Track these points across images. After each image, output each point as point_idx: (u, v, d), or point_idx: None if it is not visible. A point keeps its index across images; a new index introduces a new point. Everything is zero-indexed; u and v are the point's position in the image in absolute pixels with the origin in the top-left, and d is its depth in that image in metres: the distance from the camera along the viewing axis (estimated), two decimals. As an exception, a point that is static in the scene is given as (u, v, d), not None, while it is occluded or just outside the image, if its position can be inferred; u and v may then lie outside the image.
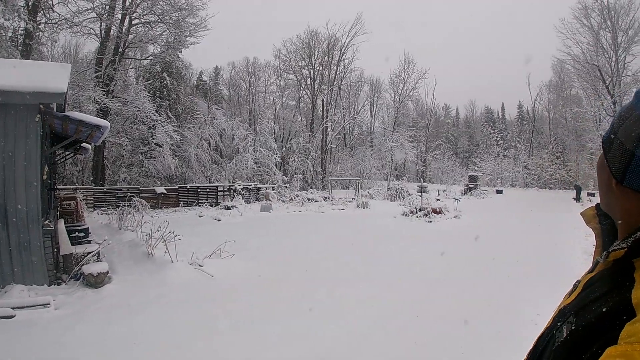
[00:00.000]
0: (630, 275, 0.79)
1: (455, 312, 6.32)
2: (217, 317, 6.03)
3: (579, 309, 0.86)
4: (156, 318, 5.93)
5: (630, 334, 0.67)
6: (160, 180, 28.31)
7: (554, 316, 0.99)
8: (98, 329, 5.46)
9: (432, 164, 66.44)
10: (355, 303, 6.80)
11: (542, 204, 31.68)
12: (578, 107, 48.84)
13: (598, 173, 0.98)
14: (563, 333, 0.85)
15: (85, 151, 14.65)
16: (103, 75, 24.98)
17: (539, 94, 66.73)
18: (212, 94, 43.40)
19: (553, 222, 19.36)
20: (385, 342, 5.29)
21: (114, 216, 14.69)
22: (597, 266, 0.96)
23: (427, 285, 8.07)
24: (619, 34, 40.25)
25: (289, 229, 15.94)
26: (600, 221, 1.05)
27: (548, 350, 0.89)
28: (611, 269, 0.88)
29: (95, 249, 8.33)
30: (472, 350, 5.06)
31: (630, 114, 0.86)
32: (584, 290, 0.93)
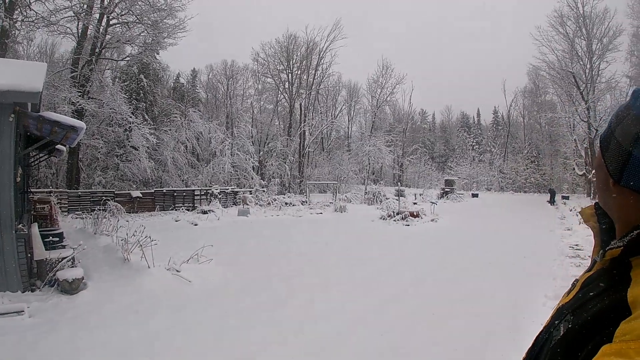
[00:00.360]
0: (626, 273, 0.80)
1: (433, 311, 6.39)
2: (194, 324, 5.96)
3: (576, 307, 0.88)
4: (132, 326, 5.83)
5: (625, 332, 0.68)
6: (136, 184, 27.90)
7: (552, 315, 1.01)
8: (72, 338, 5.34)
9: (408, 168, 67.07)
10: (334, 307, 6.81)
11: (517, 207, 32.30)
12: (552, 112, 49.85)
13: (595, 172, 0.99)
14: (560, 331, 0.86)
15: (60, 153, 14.39)
16: (79, 76, 24.56)
17: (514, 100, 68.34)
18: (189, 97, 43.05)
19: (529, 224, 19.74)
20: (364, 345, 5.31)
21: (89, 220, 14.44)
22: (595, 265, 0.98)
23: (406, 287, 8.14)
24: (594, 41, 41.23)
25: (267, 234, 15.87)
26: (599, 220, 1.05)
27: (545, 348, 0.91)
28: (608, 267, 0.89)
29: (70, 254, 8.16)
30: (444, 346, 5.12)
31: (627, 113, 0.87)
32: (582, 289, 0.95)
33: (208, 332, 5.67)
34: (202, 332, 5.69)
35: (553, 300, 7.02)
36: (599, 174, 0.95)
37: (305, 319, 6.25)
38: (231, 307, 6.80)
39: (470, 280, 8.68)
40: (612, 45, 40.70)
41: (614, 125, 0.90)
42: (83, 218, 15.34)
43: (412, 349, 5.22)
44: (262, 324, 6.02)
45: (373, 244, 13.53)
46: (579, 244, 13.45)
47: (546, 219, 22.57)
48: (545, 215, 25.10)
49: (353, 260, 10.77)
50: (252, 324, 6.00)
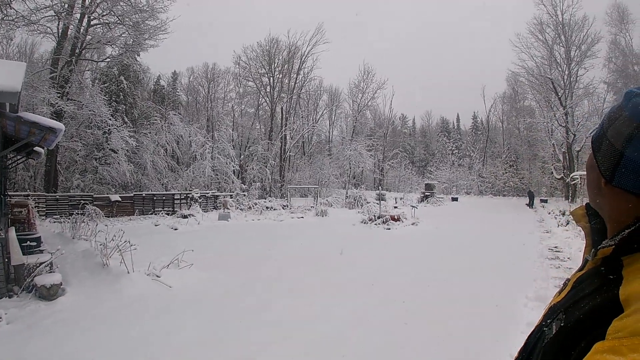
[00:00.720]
0: (618, 272, 0.82)
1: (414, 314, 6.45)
2: (175, 330, 5.90)
3: (568, 306, 0.89)
4: (111, 333, 5.76)
5: (617, 329, 0.69)
6: (115, 188, 27.59)
7: (545, 314, 1.01)
8: (50, 346, 5.26)
9: (389, 173, 67.49)
10: (317, 312, 6.80)
11: (496, 210, 32.71)
12: (531, 118, 50.68)
13: (587, 173, 0.99)
14: (552, 330, 0.87)
15: (38, 155, 14.17)
16: (58, 77, 24.21)
17: (493, 105, 69.43)
18: (170, 99, 42.71)
19: (508, 227, 19.99)
20: (356, 346, 5.35)
21: (67, 225, 14.25)
22: (586, 264, 0.99)
23: (388, 290, 8.18)
24: (573, 48, 42.19)
25: (247, 238, 15.82)
26: (590, 220, 1.06)
27: (538, 347, 0.92)
28: (599, 266, 0.90)
29: (48, 259, 8.04)
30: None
31: (619, 114, 0.88)
32: (574, 288, 0.96)
33: (189, 338, 5.63)
34: (182, 338, 5.64)
35: (534, 301, 7.15)
36: (591, 174, 0.96)
37: (286, 324, 6.23)
38: (212, 312, 6.75)
39: (452, 283, 8.76)
40: (590, 52, 41.77)
41: (606, 126, 0.91)
42: (61, 222, 15.17)
43: (391, 352, 5.26)
44: (244, 329, 5.99)
45: (354, 248, 13.54)
46: (557, 246, 13.67)
47: (525, 222, 22.88)
48: (524, 218, 25.46)
49: (334, 265, 10.76)
50: (233, 330, 5.97)
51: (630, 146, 0.82)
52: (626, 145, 0.83)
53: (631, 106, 0.86)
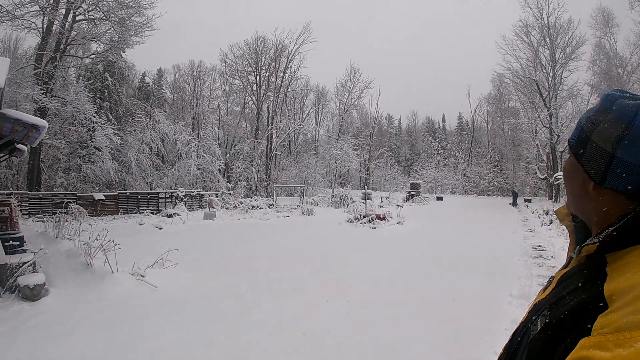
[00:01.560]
0: (602, 269, 0.83)
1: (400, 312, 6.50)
2: (159, 331, 5.88)
3: (553, 303, 0.90)
4: (96, 334, 5.71)
5: (603, 325, 0.70)
6: (98, 186, 27.36)
7: (529, 311, 1.02)
8: (35, 348, 5.21)
9: (375, 172, 67.72)
10: (302, 312, 6.82)
11: (481, 209, 33.01)
12: (515, 118, 51.21)
13: (569, 179, 1.00)
14: (538, 326, 0.88)
15: (21, 153, 13.95)
16: (42, 73, 23.98)
17: (479, 106, 70.31)
18: (155, 97, 42.45)
19: (492, 226, 20.20)
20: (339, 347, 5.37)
21: (50, 224, 14.04)
22: (570, 262, 1.00)
23: (374, 288, 8.24)
24: (557, 50, 42.79)
25: (233, 237, 15.79)
26: (574, 219, 1.08)
27: (523, 343, 0.93)
28: (584, 263, 0.92)
29: (31, 259, 7.96)
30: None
31: (603, 117, 0.89)
32: (558, 285, 0.97)
33: (174, 338, 5.61)
34: (167, 338, 5.62)
35: (518, 299, 7.25)
36: (574, 180, 0.97)
37: (271, 323, 6.24)
38: (197, 312, 6.73)
39: (437, 281, 8.84)
40: (574, 55, 42.38)
41: (588, 130, 0.92)
42: (44, 221, 14.92)
43: (378, 351, 5.29)
44: (229, 329, 5.98)
45: (340, 247, 13.59)
46: (541, 245, 13.82)
47: (509, 221, 23.13)
48: (508, 217, 25.73)
49: (319, 264, 10.77)
50: (219, 330, 5.96)
51: (620, 147, 0.84)
52: (616, 147, 0.84)
53: (617, 108, 0.87)
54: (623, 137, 0.84)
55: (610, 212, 0.88)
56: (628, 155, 0.83)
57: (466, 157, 66.31)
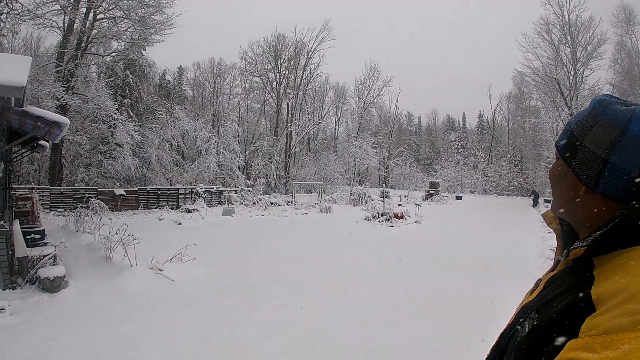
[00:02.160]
0: (590, 272, 0.83)
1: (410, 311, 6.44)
2: (176, 324, 5.92)
3: (540, 305, 0.89)
4: (112, 326, 5.77)
5: (591, 327, 0.70)
6: (119, 182, 27.69)
7: (516, 313, 1.04)
8: (50, 338, 5.28)
9: (394, 170, 67.34)
10: (314, 307, 6.83)
11: (500, 209, 32.59)
12: (536, 118, 50.41)
13: (557, 183, 1.00)
14: (525, 328, 0.88)
15: (43, 149, 14.23)
16: (64, 71, 24.29)
17: (499, 105, 68.95)
18: (176, 94, 42.76)
19: (511, 226, 19.94)
20: (346, 342, 5.36)
21: (71, 218, 14.31)
22: (558, 265, 1.00)
23: (386, 287, 8.21)
24: (579, 49, 41.83)
25: (251, 234, 15.85)
26: (561, 222, 1.09)
27: (510, 345, 0.93)
28: (571, 267, 0.92)
29: (52, 251, 8.09)
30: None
31: (595, 121, 0.90)
32: (546, 288, 0.97)
33: (190, 332, 5.65)
34: (183, 332, 5.65)
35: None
36: (563, 183, 0.97)
37: (284, 318, 6.25)
38: (213, 306, 6.77)
39: (450, 281, 8.76)
40: (596, 53, 41.36)
41: (579, 134, 0.92)
42: (65, 215, 15.22)
43: (388, 348, 5.27)
44: (244, 324, 6.01)
45: (356, 245, 13.57)
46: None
47: (528, 221, 22.82)
48: (528, 218, 25.39)
49: (336, 261, 10.79)
50: (233, 324, 5.99)
51: (614, 152, 0.84)
52: (610, 152, 0.85)
53: (610, 113, 0.87)
54: (617, 142, 0.84)
55: (600, 216, 0.88)
56: (621, 161, 0.83)
57: (486, 156, 65.56)
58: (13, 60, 9.41)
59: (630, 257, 0.79)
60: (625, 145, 0.83)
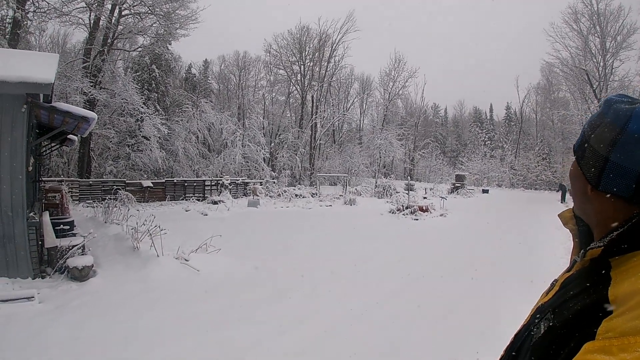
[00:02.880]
0: (606, 273, 0.82)
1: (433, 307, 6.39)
2: (200, 314, 6.00)
3: (556, 306, 0.89)
4: (138, 314, 5.89)
5: (608, 329, 0.70)
6: (147, 174, 28.07)
7: (532, 314, 1.02)
8: (78, 325, 5.41)
9: (419, 163, 66.75)
10: (338, 300, 6.84)
11: (527, 204, 31.93)
12: (565, 110, 49.32)
13: (572, 182, 1.01)
14: (541, 329, 0.88)
15: (72, 143, 14.50)
16: (91, 66, 24.72)
17: (527, 96, 67.58)
18: (201, 88, 43.12)
19: (537, 221, 19.54)
20: (367, 338, 5.35)
21: (99, 209, 14.57)
22: (574, 265, 1.00)
23: (409, 282, 8.15)
24: (608, 39, 40.62)
25: (275, 225, 15.94)
26: (577, 223, 1.08)
27: (525, 346, 0.92)
28: (588, 267, 0.91)
29: (80, 242, 8.25)
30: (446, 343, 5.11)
31: (601, 121, 0.90)
32: (562, 288, 0.96)
33: (211, 321, 5.73)
34: (205, 321, 5.74)
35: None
36: (576, 183, 0.98)
37: (307, 311, 6.29)
38: (237, 297, 6.85)
39: (473, 277, 8.63)
40: (626, 44, 40.11)
41: (587, 134, 0.93)
42: (94, 207, 15.48)
43: (411, 344, 5.25)
44: (266, 315, 6.07)
45: (380, 238, 13.51)
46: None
47: (555, 217, 22.35)
48: (555, 213, 24.84)
49: (359, 254, 10.77)
50: (256, 315, 6.06)
51: (614, 151, 0.85)
52: (610, 150, 0.86)
53: (612, 112, 0.88)
54: (617, 140, 0.85)
55: (608, 215, 0.89)
56: (621, 159, 0.84)
57: (514, 149, 64.42)
58: (41, 58, 9.62)
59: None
60: (625, 143, 0.83)
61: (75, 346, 4.83)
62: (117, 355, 4.70)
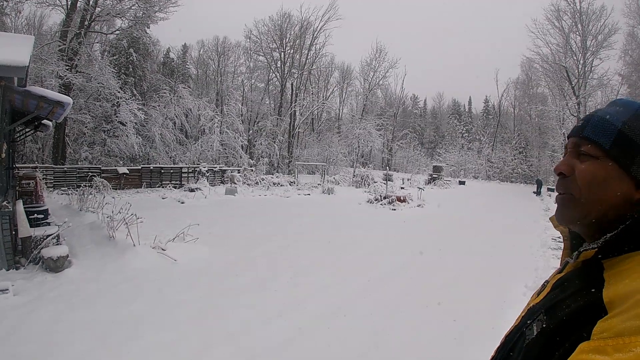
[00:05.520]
0: (599, 275, 0.83)
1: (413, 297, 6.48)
2: (178, 303, 6.00)
3: (549, 307, 0.89)
4: (116, 305, 5.85)
5: (603, 329, 0.71)
6: (122, 160, 27.67)
7: (523, 315, 1.03)
8: (55, 318, 5.34)
9: (397, 153, 67.16)
10: (317, 289, 6.91)
11: (503, 196, 32.56)
12: (543, 105, 50.10)
13: (602, 186, 0.89)
14: (534, 331, 0.87)
15: (46, 128, 14.19)
16: (67, 49, 24.13)
17: (506, 90, 68.32)
18: (179, 72, 42.51)
19: (513, 214, 19.93)
20: (346, 328, 5.41)
21: (74, 197, 14.34)
22: (566, 267, 1.01)
23: (387, 272, 8.27)
24: (589, 37, 41.19)
25: (253, 213, 15.92)
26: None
27: (517, 347, 0.92)
28: (581, 269, 0.92)
29: (55, 231, 8.12)
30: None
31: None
32: (554, 289, 0.97)
33: (191, 312, 5.73)
34: (185, 311, 5.74)
35: (533, 290, 7.13)
36: (609, 187, 0.88)
37: (286, 300, 6.33)
38: (215, 286, 6.85)
39: (452, 267, 8.79)
40: (606, 43, 40.81)
41: (636, 136, 0.87)
42: (69, 194, 15.22)
43: (391, 334, 5.31)
44: (245, 305, 6.08)
45: (358, 227, 13.64)
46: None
47: (531, 209, 22.81)
48: (530, 206, 25.36)
49: (337, 243, 10.86)
50: (235, 304, 6.07)
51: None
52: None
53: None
54: None
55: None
56: None
57: (491, 141, 65.17)
58: (15, 39, 9.38)
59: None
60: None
61: (53, 339, 4.77)
62: (97, 346, 4.67)
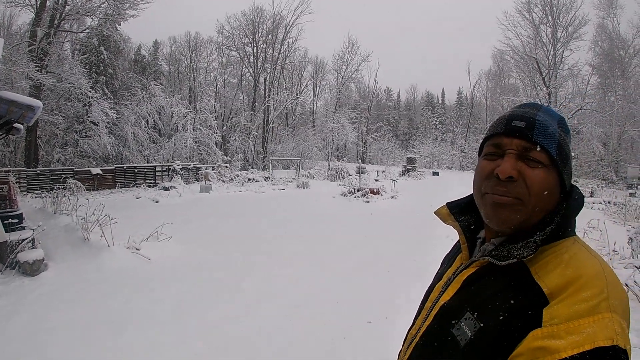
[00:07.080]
0: (525, 269, 0.87)
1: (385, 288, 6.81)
2: (154, 302, 6.20)
3: (475, 305, 0.89)
4: (93, 306, 6.04)
5: (552, 316, 0.76)
6: (96, 161, 27.42)
7: (434, 314, 1.01)
8: (36, 320, 5.53)
9: (372, 146, 67.64)
10: (290, 283, 7.16)
11: (473, 186, 33.00)
12: (515, 96, 50.75)
13: (551, 190, 0.93)
14: (466, 331, 0.87)
15: (18, 131, 14.05)
16: (37, 49, 23.83)
17: (478, 82, 69.54)
18: (151, 70, 42.11)
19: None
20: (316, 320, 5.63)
21: (48, 200, 14.33)
22: (472, 263, 1.00)
23: (360, 263, 8.54)
24: (559, 29, 41.99)
25: (228, 210, 16.11)
26: (457, 218, 1.11)
27: (447, 351, 0.92)
28: (502, 266, 0.89)
29: (30, 235, 8.26)
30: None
31: (565, 131, 0.99)
32: (467, 286, 0.96)
33: (167, 309, 5.93)
34: (161, 309, 5.94)
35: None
36: (551, 190, 0.92)
37: (262, 295, 6.55)
38: (190, 284, 7.05)
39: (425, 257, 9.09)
40: (576, 34, 41.59)
41: (564, 141, 0.96)
42: (42, 197, 15.19)
43: (362, 323, 5.57)
44: (220, 301, 6.31)
45: (332, 220, 13.95)
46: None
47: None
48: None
49: (311, 237, 11.13)
50: (210, 301, 6.29)
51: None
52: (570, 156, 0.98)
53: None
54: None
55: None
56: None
57: (464, 132, 66.19)
58: (-16, 42, 9.40)
59: (559, 252, 0.87)
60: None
61: (35, 341, 4.94)
62: (78, 346, 4.84)
